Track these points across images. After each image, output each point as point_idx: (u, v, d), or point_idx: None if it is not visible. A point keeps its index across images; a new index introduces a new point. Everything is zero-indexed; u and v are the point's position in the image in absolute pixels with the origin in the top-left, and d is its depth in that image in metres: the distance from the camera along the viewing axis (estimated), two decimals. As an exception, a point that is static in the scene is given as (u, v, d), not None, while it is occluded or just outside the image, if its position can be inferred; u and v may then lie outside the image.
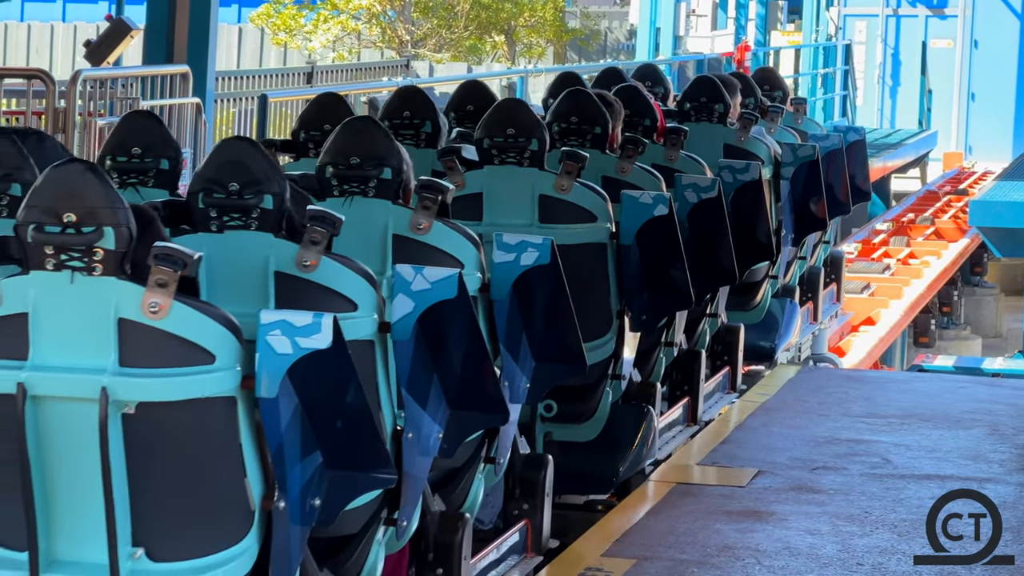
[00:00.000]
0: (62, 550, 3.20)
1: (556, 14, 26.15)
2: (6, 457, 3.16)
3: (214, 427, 3.16)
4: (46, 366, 3.14)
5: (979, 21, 22.97)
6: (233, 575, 3.17)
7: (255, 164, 3.66)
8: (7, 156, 3.76)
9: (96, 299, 3.13)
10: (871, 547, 4.90)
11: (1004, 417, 6.63)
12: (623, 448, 5.27)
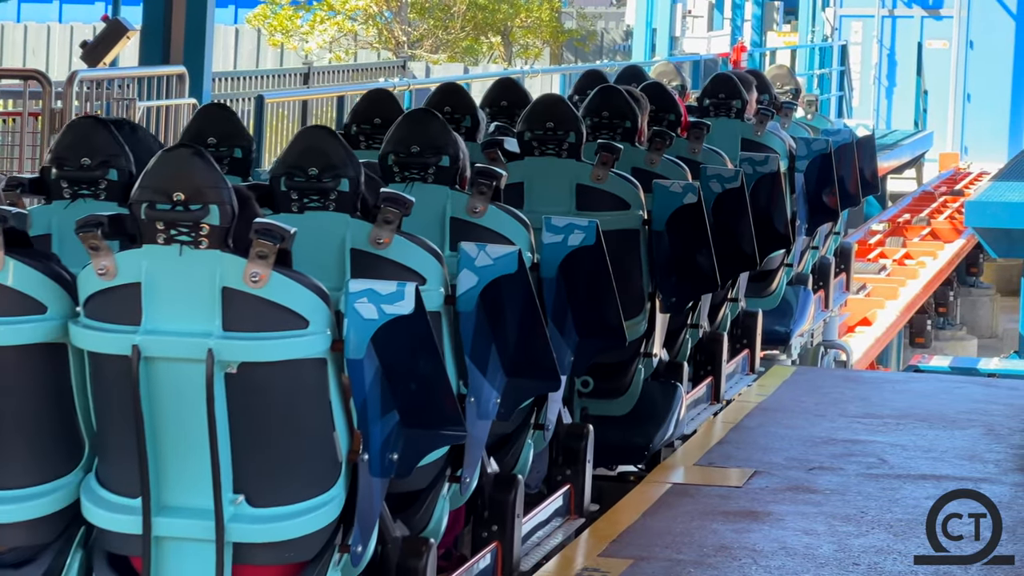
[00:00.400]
0: (171, 497, 3.51)
1: (552, 15, 26.15)
2: (121, 413, 3.48)
3: (307, 386, 3.49)
4: (158, 330, 3.46)
5: (974, 22, 22.99)
6: (323, 520, 3.49)
7: (333, 151, 4.03)
8: (105, 144, 4.15)
9: (202, 270, 3.47)
10: (867, 547, 4.90)
11: (1000, 417, 6.64)
12: (654, 422, 5.61)
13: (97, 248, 3.49)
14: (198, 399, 3.45)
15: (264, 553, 3.52)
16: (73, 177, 4.17)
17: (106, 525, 3.56)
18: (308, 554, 3.54)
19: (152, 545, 3.51)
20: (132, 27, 9.99)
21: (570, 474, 4.95)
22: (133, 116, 7.14)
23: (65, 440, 3.61)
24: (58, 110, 6.95)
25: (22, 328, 3.54)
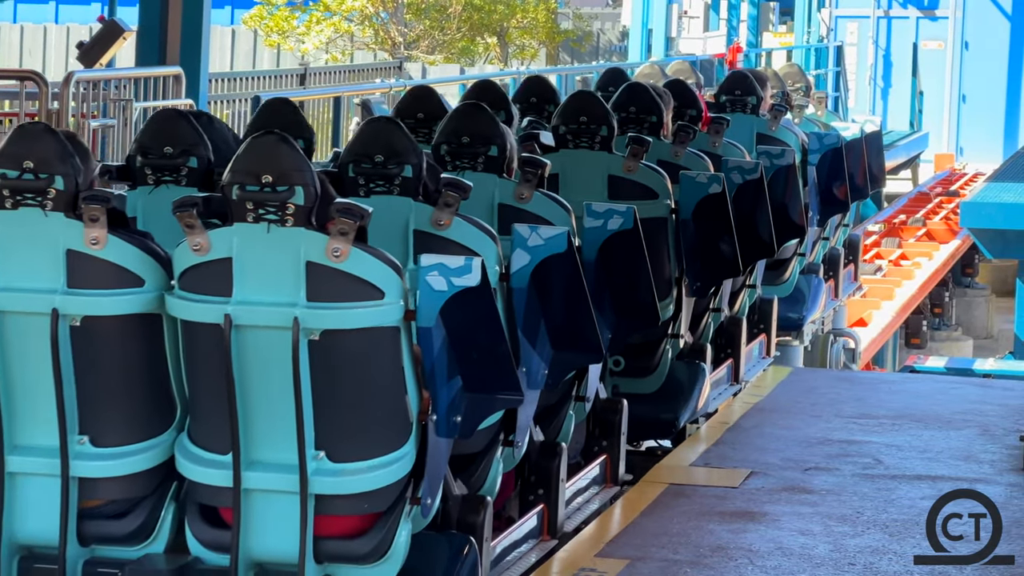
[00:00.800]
0: (258, 453, 3.84)
1: (548, 15, 26.15)
2: (213, 377, 3.81)
3: (382, 352, 3.82)
4: (247, 301, 3.79)
5: (970, 23, 23.03)
6: (396, 475, 3.83)
7: (397, 140, 4.39)
8: (186, 134, 4.51)
9: (288, 246, 3.79)
10: (863, 547, 4.92)
11: (995, 418, 6.65)
12: (682, 399, 5.97)
13: (192, 226, 3.81)
14: (284, 364, 3.77)
15: (343, 504, 3.84)
16: (156, 165, 4.52)
17: (199, 479, 3.88)
18: (383, 505, 3.86)
19: (241, 497, 3.82)
20: (128, 28, 9.99)
21: (606, 445, 5.30)
22: (129, 117, 7.14)
23: (159, 403, 3.93)
24: (55, 111, 6.95)
25: (122, 300, 3.86)
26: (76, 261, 3.86)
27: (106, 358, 3.89)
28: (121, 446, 3.91)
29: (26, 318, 3.87)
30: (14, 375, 3.89)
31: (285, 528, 3.84)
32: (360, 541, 3.88)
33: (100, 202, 3.84)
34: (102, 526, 3.96)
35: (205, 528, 3.92)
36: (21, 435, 3.92)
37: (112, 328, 3.87)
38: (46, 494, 3.91)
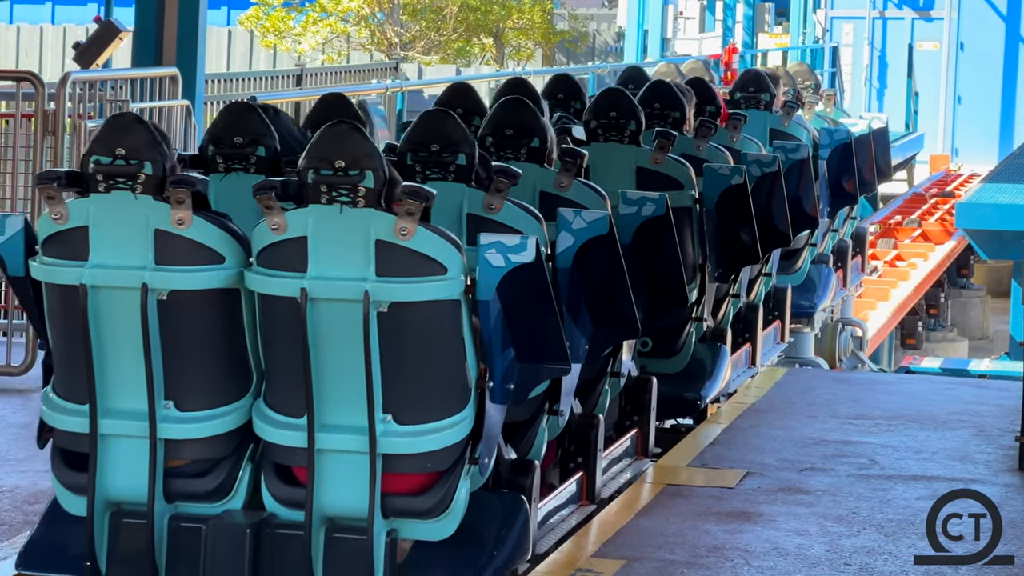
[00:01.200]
0: (331, 416, 4.15)
1: (544, 16, 26.15)
2: (289, 346, 4.12)
3: (444, 323, 4.13)
4: (322, 276, 4.10)
5: (965, 24, 23.05)
6: (456, 437, 4.16)
7: (452, 130, 4.73)
8: (255, 125, 4.82)
9: (359, 225, 4.11)
10: (859, 547, 4.93)
11: (990, 418, 6.67)
12: (705, 379, 6.29)
13: (271, 207, 4.12)
14: (355, 334, 4.09)
15: (409, 463, 4.17)
16: (227, 153, 4.82)
17: (275, 440, 4.19)
18: (444, 464, 4.18)
19: (315, 457, 4.13)
20: (125, 28, 9.98)
21: (637, 420, 5.66)
22: (126, 117, 7.13)
23: (238, 370, 4.25)
24: (51, 111, 6.93)
25: (205, 275, 4.17)
26: (163, 240, 4.17)
27: (190, 329, 4.20)
28: (203, 410, 4.22)
29: (118, 293, 4.18)
30: (106, 345, 4.19)
31: (355, 485, 4.15)
32: (423, 497, 4.20)
33: (186, 186, 4.15)
34: (186, 484, 4.26)
35: (280, 486, 4.23)
36: (112, 400, 4.22)
37: (196, 302, 4.18)
38: (135, 455, 4.22)
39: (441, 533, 4.24)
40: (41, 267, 4.22)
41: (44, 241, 4.23)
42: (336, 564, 4.18)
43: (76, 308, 4.17)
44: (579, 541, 4.96)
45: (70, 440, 4.28)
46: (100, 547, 4.28)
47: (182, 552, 4.25)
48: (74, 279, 4.17)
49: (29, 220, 4.31)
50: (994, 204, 13.55)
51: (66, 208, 4.20)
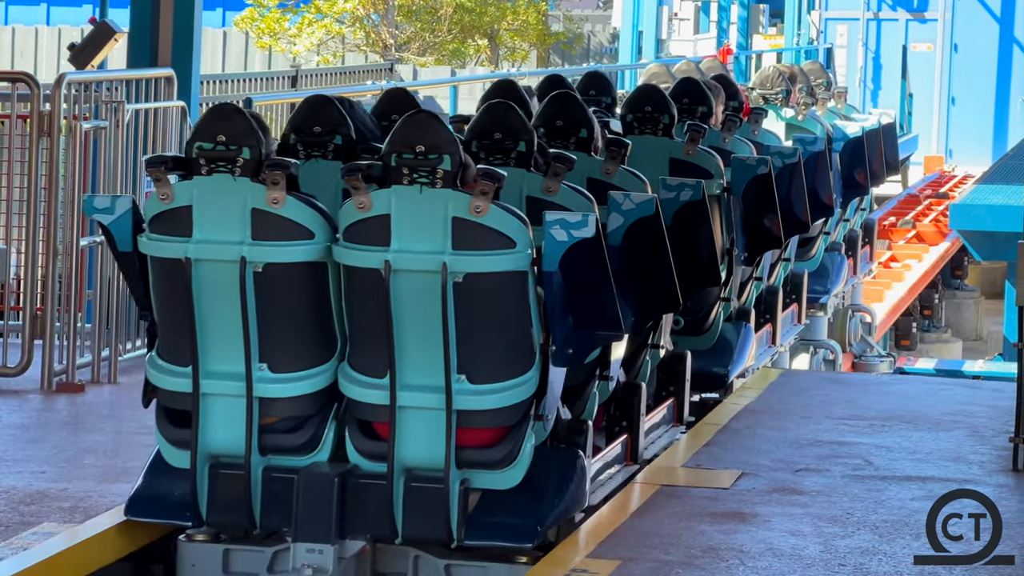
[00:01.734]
0: (410, 376, 4.63)
1: (539, 18, 26.15)
2: (372, 313, 4.58)
3: (513, 292, 4.61)
4: (403, 250, 4.57)
5: (959, 25, 23.07)
6: (523, 395, 4.65)
7: (513, 120, 5.22)
8: (332, 116, 5.26)
9: (437, 204, 4.58)
10: (853, 548, 4.94)
11: (984, 419, 6.68)
12: (732, 355, 6.81)
13: (358, 188, 4.59)
14: (434, 301, 4.55)
15: (481, 418, 4.64)
16: (307, 141, 5.24)
17: (359, 398, 4.67)
18: (513, 420, 4.67)
19: (396, 413, 4.61)
20: (120, 29, 9.96)
21: (673, 390, 6.12)
22: (121, 119, 7.12)
23: (325, 336, 4.71)
24: (46, 112, 6.93)
25: (297, 249, 4.64)
26: (259, 218, 4.63)
27: (282, 299, 4.67)
28: (293, 372, 4.69)
29: (218, 265, 4.65)
30: (207, 313, 4.66)
31: (432, 439, 4.62)
32: (494, 450, 4.68)
33: (281, 169, 4.62)
34: (278, 439, 4.72)
35: (364, 440, 4.71)
36: (212, 363, 4.69)
37: (288, 274, 4.64)
38: (232, 412, 4.68)
39: (508, 482, 4.70)
40: (149, 242, 4.70)
41: (151, 219, 4.71)
42: (414, 510, 4.65)
43: (180, 280, 4.63)
44: (574, 541, 4.98)
45: (173, 399, 4.75)
46: (201, 496, 4.75)
47: (275, 500, 4.69)
48: (179, 253, 4.64)
49: (136, 202, 4.79)
50: (988, 205, 13.57)
51: (172, 189, 4.67)
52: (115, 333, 7.04)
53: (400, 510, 4.67)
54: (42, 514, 5.02)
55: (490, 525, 4.72)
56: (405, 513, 4.67)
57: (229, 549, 4.83)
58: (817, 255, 8.97)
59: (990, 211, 13.38)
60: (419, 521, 4.66)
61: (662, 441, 5.97)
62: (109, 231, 4.78)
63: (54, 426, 6.35)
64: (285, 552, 4.75)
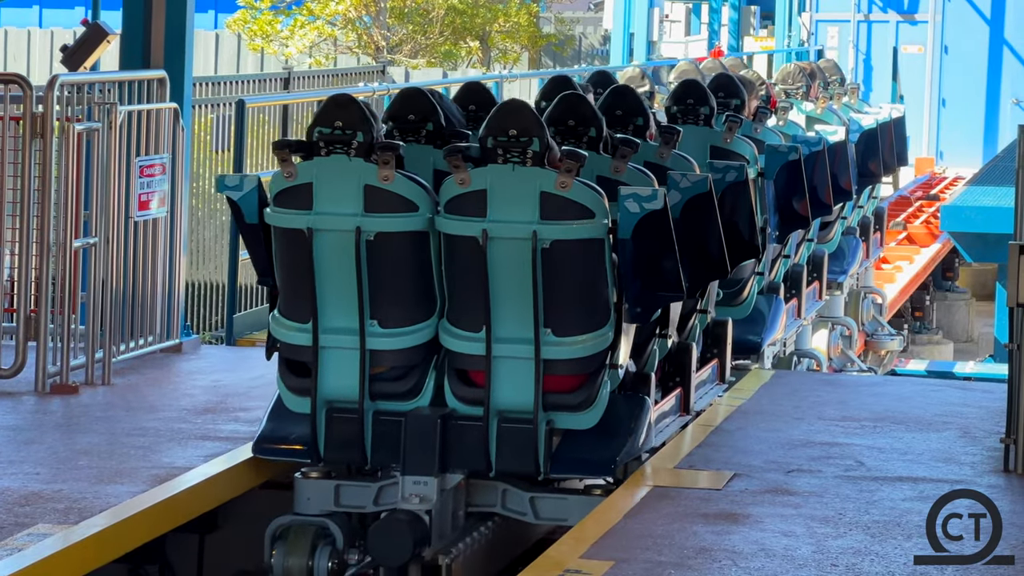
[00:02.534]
0: (503, 331, 5.35)
1: (530, 20, 26.13)
2: (470, 276, 5.32)
3: (592, 257, 5.32)
4: (498, 220, 5.30)
5: (949, 27, 23.08)
6: (600, 347, 5.36)
7: (585, 110, 5.95)
8: (424, 105, 5.99)
9: (527, 180, 5.31)
10: (845, 548, 4.96)
11: (975, 420, 6.70)
12: (765, 324, 7.62)
13: (458, 166, 5.33)
14: (524, 265, 5.28)
15: (564, 367, 5.37)
16: (402, 128, 5.94)
17: (458, 350, 5.42)
18: (591, 368, 5.38)
19: (491, 362, 5.35)
20: (112, 31, 9.95)
21: (716, 352, 6.80)
22: (114, 120, 7.12)
23: (426, 296, 5.43)
24: (39, 114, 6.93)
25: (404, 220, 5.36)
26: (371, 193, 5.35)
27: (390, 264, 5.37)
28: (400, 327, 5.40)
29: (335, 234, 5.35)
30: (324, 277, 5.36)
31: (522, 385, 5.35)
32: (575, 394, 5.39)
33: (391, 150, 5.35)
34: (386, 386, 5.44)
35: (461, 387, 5.43)
36: (329, 320, 5.40)
37: (396, 242, 5.37)
38: (347, 363, 5.39)
39: (587, 423, 5.42)
40: (275, 215, 5.41)
41: (276, 195, 5.42)
42: (506, 448, 5.37)
43: (302, 247, 5.33)
44: (568, 542, 4.99)
45: (294, 352, 5.46)
46: (319, 437, 5.44)
47: (384, 439, 5.40)
48: (301, 224, 5.34)
49: (261, 181, 5.47)
50: (978, 207, 13.59)
51: (295, 169, 5.36)
52: (109, 335, 7.05)
53: (494, 448, 5.38)
54: (36, 515, 5.04)
55: (571, 460, 5.45)
56: (498, 450, 5.38)
57: (340, 484, 5.51)
58: (835, 238, 9.61)
59: (981, 213, 13.40)
60: (510, 457, 5.38)
61: (708, 397, 6.65)
62: (237, 205, 5.50)
63: (48, 428, 6.36)
64: (389, 487, 5.48)
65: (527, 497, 5.52)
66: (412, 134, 5.93)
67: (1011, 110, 22.74)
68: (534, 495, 5.52)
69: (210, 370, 7.38)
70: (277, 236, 5.44)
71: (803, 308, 8.35)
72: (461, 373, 5.44)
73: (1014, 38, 22.86)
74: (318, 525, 5.40)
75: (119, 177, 7.18)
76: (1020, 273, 5.64)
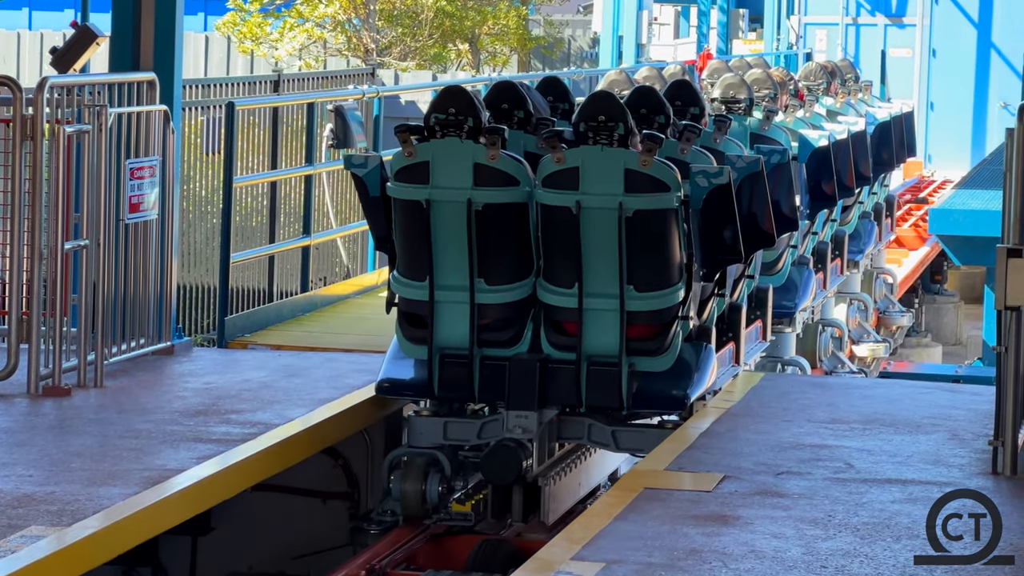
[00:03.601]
0: (592, 287, 6.31)
1: (519, 22, 26.14)
2: (564, 240, 6.27)
3: (668, 225, 6.28)
4: (589, 193, 6.24)
5: (937, 30, 23.13)
6: (674, 300, 6.36)
7: (654, 98, 7.06)
8: (515, 96, 7.01)
9: (614, 159, 6.25)
10: (834, 550, 4.98)
11: (964, 423, 6.73)
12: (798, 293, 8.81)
13: (555, 147, 6.25)
14: (611, 231, 6.23)
15: (644, 317, 6.32)
16: (496, 116, 6.89)
17: (554, 303, 6.35)
18: (667, 319, 6.35)
19: (583, 314, 6.29)
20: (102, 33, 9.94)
21: (760, 314, 7.82)
22: (104, 123, 7.13)
23: (526, 258, 6.38)
24: (29, 116, 6.93)
25: (508, 193, 6.30)
26: (480, 170, 6.28)
27: (495, 230, 6.31)
28: (503, 285, 6.36)
29: (449, 205, 6.28)
30: (439, 241, 6.31)
31: (608, 333, 6.29)
32: (653, 341, 6.35)
33: (497, 133, 6.30)
34: (491, 335, 6.39)
35: (555, 335, 6.37)
36: (443, 278, 6.36)
37: (500, 211, 6.30)
38: (458, 315, 6.35)
39: (663, 366, 6.36)
40: (397, 188, 6.35)
41: (397, 172, 6.35)
42: (595, 387, 6.29)
43: (420, 216, 6.29)
44: (558, 543, 5.01)
45: (412, 306, 6.41)
46: (433, 379, 6.38)
47: (490, 381, 6.35)
48: (420, 196, 6.28)
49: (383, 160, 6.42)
50: (967, 210, 13.62)
51: (415, 149, 6.31)
52: (100, 337, 7.05)
53: (584, 387, 6.30)
54: (29, 517, 5.04)
55: (650, 398, 6.38)
56: (587, 389, 6.31)
57: (447, 421, 6.47)
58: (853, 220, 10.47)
59: (969, 216, 13.43)
60: (598, 395, 6.30)
61: (755, 352, 7.71)
62: (362, 181, 6.48)
63: (41, 430, 6.36)
64: (489, 424, 6.45)
65: (609, 431, 6.49)
66: (504, 120, 6.85)
67: (999, 113, 22.80)
68: (615, 429, 6.49)
69: (202, 372, 7.38)
70: (398, 207, 6.38)
71: (828, 281, 9.12)
72: (556, 323, 6.36)
73: (1002, 41, 22.91)
74: (429, 456, 6.38)
75: (110, 179, 7.18)
76: (1008, 276, 5.67)
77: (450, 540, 6.43)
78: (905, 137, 12.22)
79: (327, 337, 8.34)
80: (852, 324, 11.51)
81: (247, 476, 5.81)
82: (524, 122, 6.98)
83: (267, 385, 7.11)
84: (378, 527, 6.45)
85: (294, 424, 6.39)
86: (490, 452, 6.31)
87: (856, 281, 11.30)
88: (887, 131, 11.41)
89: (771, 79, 9.46)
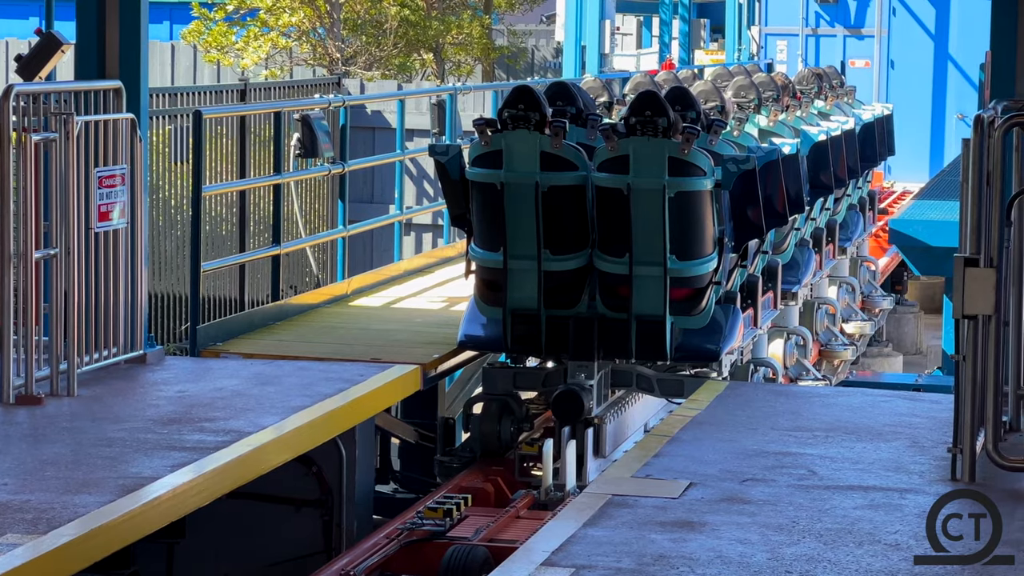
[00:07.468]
0: (641, 256, 7.46)
1: (483, 32, 26.18)
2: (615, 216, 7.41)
3: (703, 204, 7.45)
4: (638, 176, 7.38)
5: (895, 42, 23.30)
6: (708, 268, 7.52)
7: (687, 97, 8.16)
8: (568, 95, 8.19)
9: (659, 148, 7.39)
10: (799, 555, 5.07)
11: (924, 430, 6.83)
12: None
13: (609, 137, 7.40)
14: (656, 209, 7.37)
15: (684, 282, 7.47)
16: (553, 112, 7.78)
17: (608, 270, 7.54)
18: (703, 283, 7.53)
19: (633, 280, 7.46)
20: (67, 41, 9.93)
21: (771, 286, 9.23)
22: (72, 131, 7.13)
23: (583, 232, 7.52)
24: (-4, 124, 6.90)
25: (569, 176, 7.46)
26: (546, 156, 7.41)
27: (559, 208, 7.41)
28: (565, 255, 7.49)
29: (520, 187, 7.41)
30: (511, 217, 7.46)
31: (654, 295, 7.47)
32: (691, 302, 7.52)
33: (560, 125, 7.45)
34: (556, 297, 7.55)
35: (609, 298, 7.53)
36: (515, 249, 7.52)
37: (563, 192, 7.40)
38: (528, 280, 7.53)
39: (700, 324, 7.56)
40: (475, 172, 7.54)
41: (475, 159, 7.53)
42: (643, 341, 7.52)
43: (495, 197, 7.43)
44: (528, 549, 5.07)
45: (487, 273, 7.61)
46: (507, 335, 7.61)
47: (556, 335, 7.56)
48: (495, 179, 7.45)
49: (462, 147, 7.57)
50: (925, 221, 13.76)
51: (490, 139, 7.44)
52: (73, 346, 7.07)
53: (634, 341, 7.53)
54: (5, 526, 5.06)
55: (689, 350, 7.61)
56: (637, 343, 7.53)
57: (517, 372, 7.91)
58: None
59: (928, 226, 13.57)
60: (645, 348, 7.53)
61: (769, 316, 9.10)
62: (444, 166, 7.68)
63: (14, 439, 6.37)
64: (552, 373, 7.77)
65: (655, 378, 7.85)
66: (559, 115, 7.90)
67: (956, 124, 23.01)
68: (659, 376, 7.86)
69: (175, 381, 7.41)
70: (476, 189, 7.55)
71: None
72: (609, 288, 7.54)
73: (958, 53, 23.11)
74: (502, 402, 7.75)
75: (78, 188, 7.19)
76: (965, 285, 5.77)
77: (423, 547, 6.53)
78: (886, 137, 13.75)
79: (298, 346, 8.37)
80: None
81: (221, 484, 5.85)
82: (575, 117, 8.13)
83: (240, 393, 7.15)
84: (459, 461, 7.76)
85: (267, 432, 6.42)
86: (559, 396, 7.52)
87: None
88: (871, 131, 12.80)
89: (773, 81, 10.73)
